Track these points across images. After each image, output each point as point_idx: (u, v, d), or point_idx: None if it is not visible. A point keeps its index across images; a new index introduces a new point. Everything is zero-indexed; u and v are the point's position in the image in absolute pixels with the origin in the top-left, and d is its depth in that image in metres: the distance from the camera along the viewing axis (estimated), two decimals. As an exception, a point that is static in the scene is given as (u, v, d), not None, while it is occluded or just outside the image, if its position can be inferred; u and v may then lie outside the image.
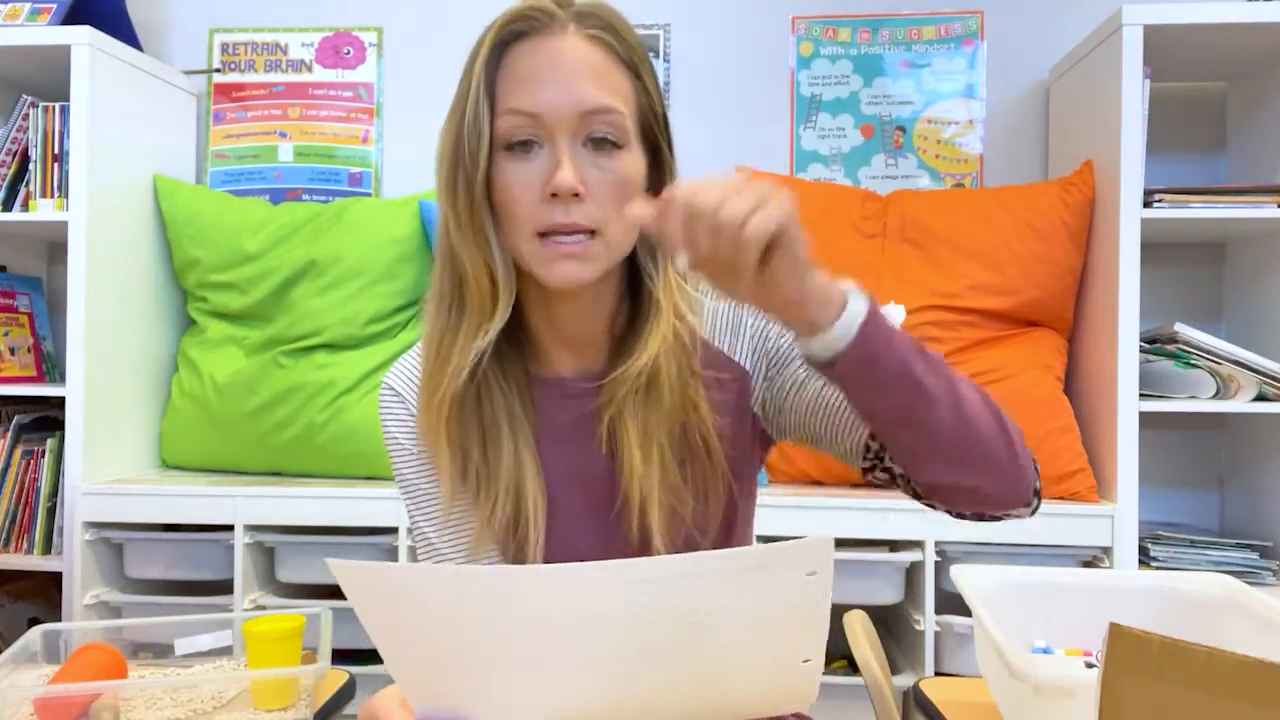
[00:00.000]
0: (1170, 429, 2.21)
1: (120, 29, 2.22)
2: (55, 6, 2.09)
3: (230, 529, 1.94)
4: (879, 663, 1.19)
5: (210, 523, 1.96)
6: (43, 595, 2.25)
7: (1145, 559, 1.91)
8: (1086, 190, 2.00)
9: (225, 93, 2.46)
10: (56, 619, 2.02)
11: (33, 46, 2.03)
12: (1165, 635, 0.59)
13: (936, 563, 1.81)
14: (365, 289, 2.12)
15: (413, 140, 2.43)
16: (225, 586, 1.97)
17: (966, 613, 1.76)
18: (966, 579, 1.13)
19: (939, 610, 1.82)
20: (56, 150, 2.05)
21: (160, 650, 1.34)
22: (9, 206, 2.06)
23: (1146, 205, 1.86)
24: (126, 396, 2.14)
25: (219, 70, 2.45)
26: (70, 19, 2.07)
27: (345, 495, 1.95)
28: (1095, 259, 2.00)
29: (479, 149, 0.81)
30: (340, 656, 1.57)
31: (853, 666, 1.24)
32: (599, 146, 0.81)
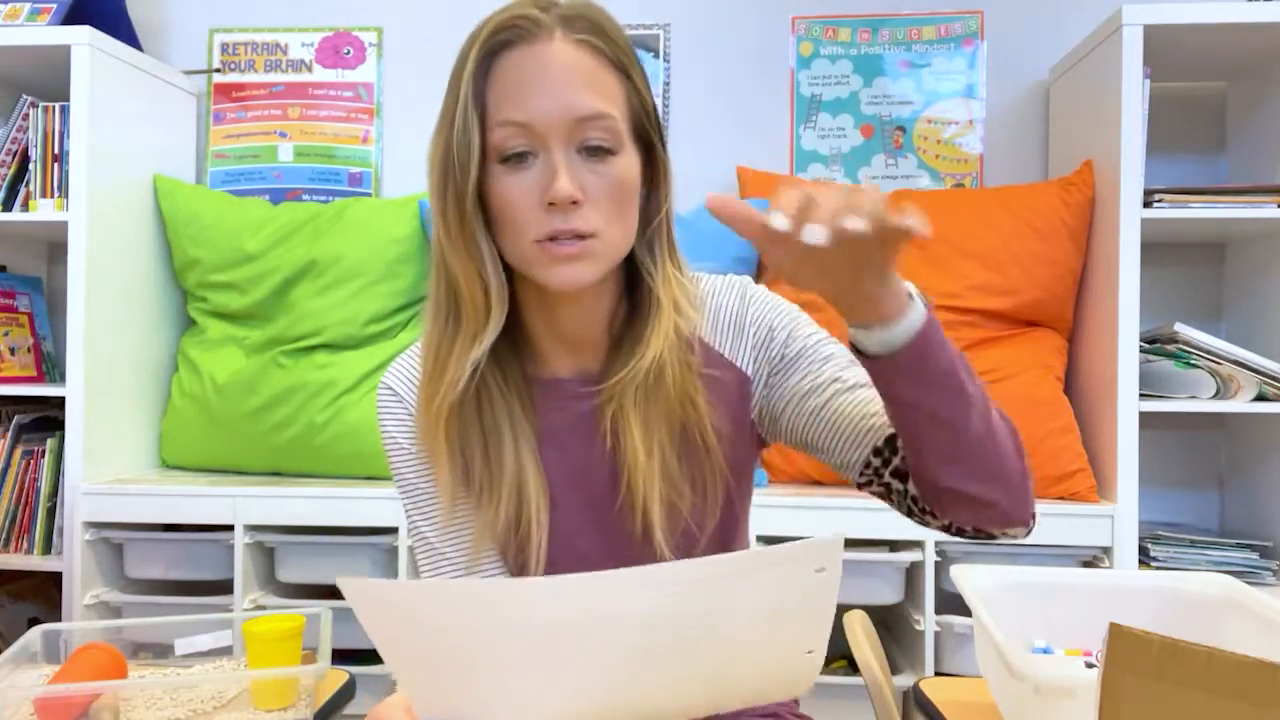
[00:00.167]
0: (1170, 429, 2.21)
1: (120, 29, 2.22)
2: (55, 6, 2.09)
3: (230, 529, 1.94)
4: (879, 663, 1.19)
5: (210, 523, 1.96)
6: (43, 595, 2.25)
7: (1145, 559, 1.91)
8: (1086, 190, 2.00)
9: (225, 93, 2.46)
10: (56, 619, 2.02)
11: (33, 46, 2.03)
12: (1165, 635, 0.59)
13: (936, 563, 1.82)
14: (365, 289, 2.12)
15: (413, 140, 2.43)
16: (225, 586, 1.97)
17: (966, 613, 1.76)
18: (966, 579, 1.13)
19: (939, 610, 1.82)
20: (56, 150, 2.05)
21: (160, 650, 1.34)
22: (9, 206, 2.06)
23: (1146, 205, 1.86)
24: (126, 396, 2.14)
25: (219, 70, 2.45)
26: (70, 19, 2.07)
27: (345, 495, 1.95)
28: (1095, 259, 2.00)
29: (469, 161, 0.81)
30: (340, 656, 1.57)
31: (853, 666, 1.24)
32: (593, 154, 0.81)
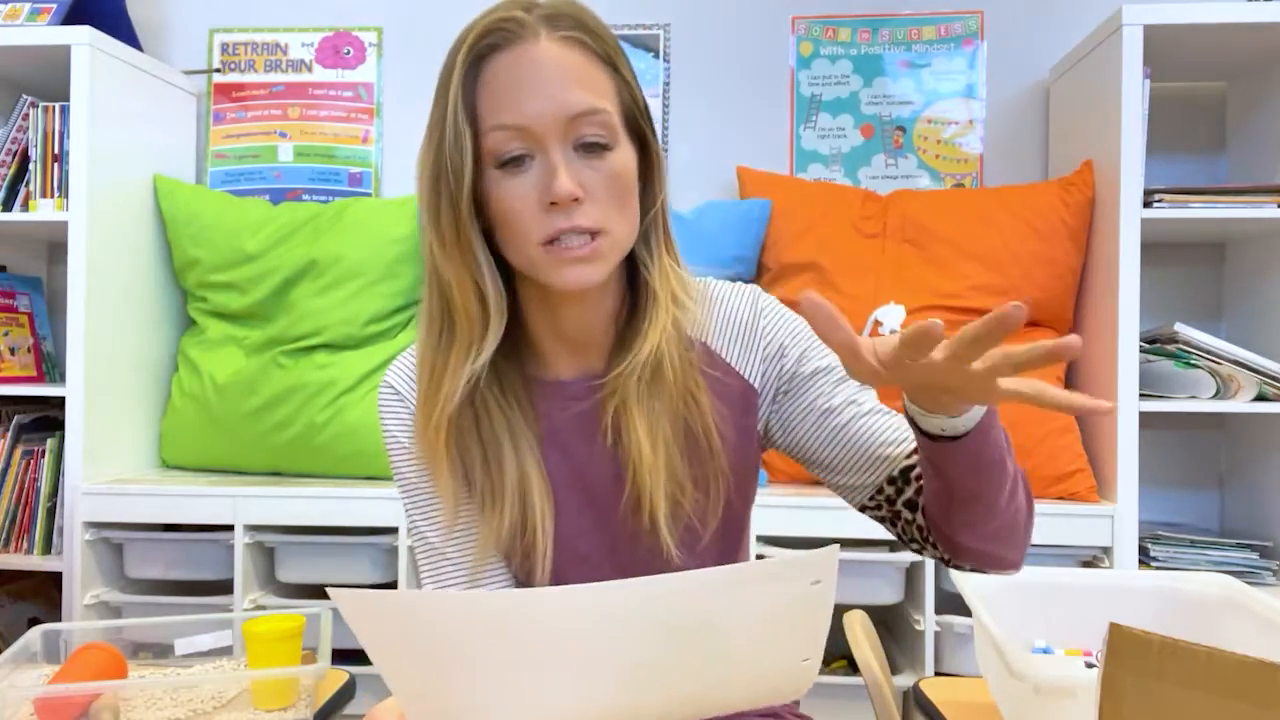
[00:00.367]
0: (1170, 429, 2.21)
1: (120, 29, 2.22)
2: (55, 6, 2.09)
3: (230, 529, 1.94)
4: (879, 663, 1.19)
5: (210, 523, 1.95)
6: (43, 595, 2.25)
7: (1145, 559, 1.91)
8: (1086, 190, 2.00)
9: (225, 93, 2.46)
10: (56, 619, 2.02)
11: (33, 46, 2.03)
12: (1165, 635, 0.59)
13: (936, 563, 1.81)
14: (365, 289, 2.12)
15: (413, 140, 2.41)
16: (225, 586, 1.97)
17: (966, 613, 1.76)
18: (966, 579, 1.13)
19: (939, 610, 1.82)
20: (56, 150, 2.05)
21: (160, 650, 1.34)
22: (9, 206, 2.06)
23: (1146, 205, 1.86)
24: (126, 396, 2.14)
25: (219, 70, 2.45)
26: (70, 19, 2.07)
27: (345, 495, 1.95)
28: (1095, 259, 2.00)
29: (462, 168, 0.80)
30: (340, 656, 1.57)
31: (853, 666, 1.24)
32: (590, 150, 0.81)
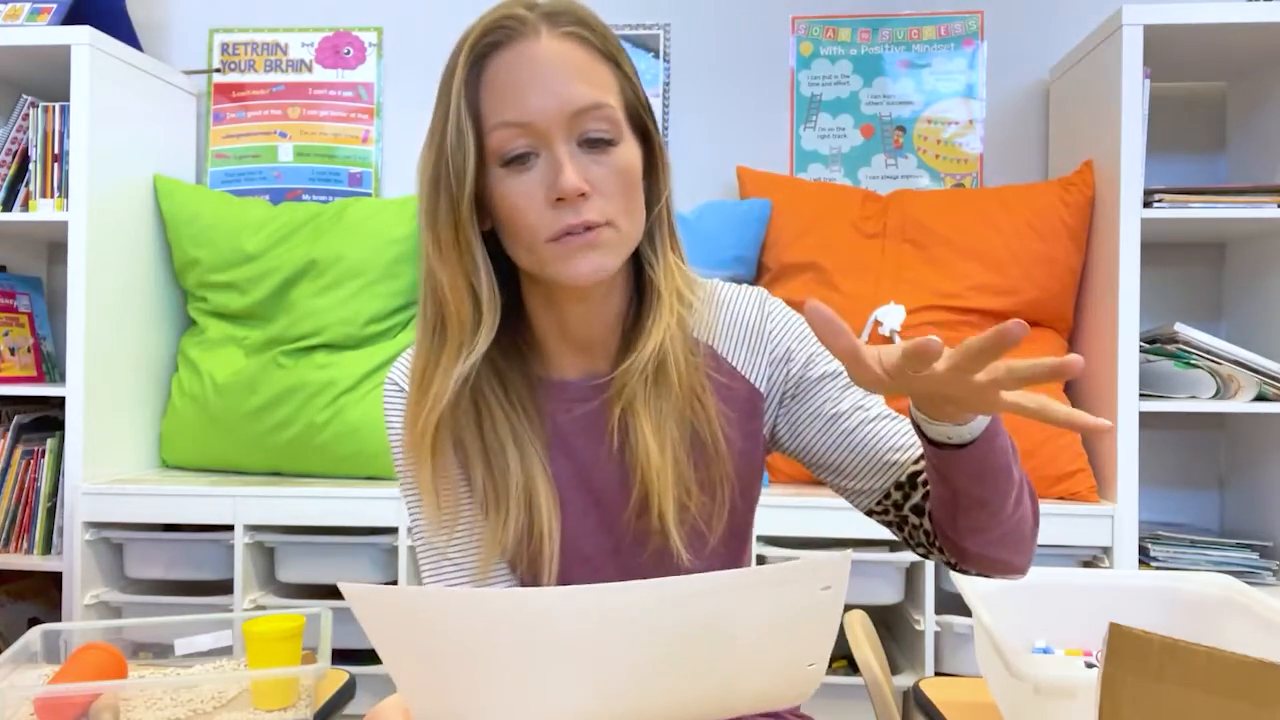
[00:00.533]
0: (1170, 429, 2.21)
1: (120, 29, 2.22)
2: (55, 6, 2.09)
3: (230, 529, 1.94)
4: (879, 663, 1.19)
5: (210, 523, 1.95)
6: (43, 595, 2.25)
7: (1145, 559, 1.91)
8: (1086, 190, 2.00)
9: (225, 93, 2.46)
10: (56, 619, 2.02)
11: (33, 46, 2.03)
12: (1165, 635, 0.59)
13: (937, 563, 1.81)
14: (365, 289, 2.12)
15: (413, 140, 2.43)
16: (225, 586, 1.97)
17: (966, 613, 1.76)
18: (966, 579, 1.13)
19: (939, 610, 1.82)
20: (56, 150, 2.05)
21: (160, 650, 1.34)
22: (9, 206, 2.06)
23: (1146, 205, 1.86)
24: (126, 396, 2.14)
25: (219, 70, 2.45)
26: (70, 19, 2.07)
27: (345, 495, 1.95)
28: (1095, 259, 2.00)
29: (464, 168, 0.80)
30: (340, 656, 1.57)
31: (853, 666, 1.24)
32: (594, 145, 0.80)
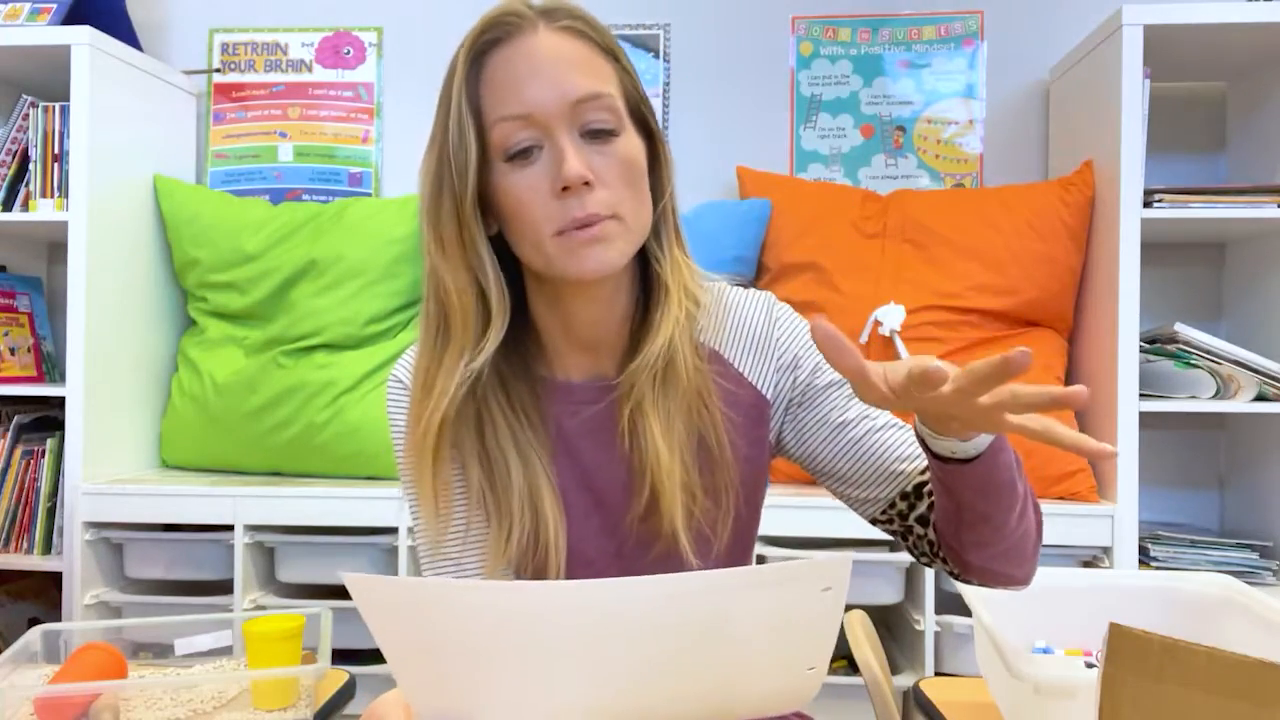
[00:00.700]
0: (1170, 429, 2.21)
1: (120, 29, 2.22)
2: (55, 6, 2.09)
3: (230, 529, 1.94)
4: (879, 663, 1.19)
5: (210, 523, 1.95)
6: (43, 595, 2.25)
7: (1145, 559, 1.91)
8: (1086, 190, 2.00)
9: (225, 93, 2.46)
10: (56, 619, 2.02)
11: (33, 46, 2.03)
12: (1165, 635, 0.59)
13: (936, 563, 1.81)
14: (365, 289, 2.12)
15: (413, 140, 2.43)
16: (225, 586, 1.97)
17: (966, 613, 1.76)
18: (966, 579, 1.12)
19: (939, 610, 1.82)
20: (56, 150, 2.05)
21: (160, 650, 1.34)
22: (9, 206, 2.06)
23: (1146, 205, 1.86)
24: (126, 396, 2.14)
25: (219, 70, 2.45)
26: (70, 19, 2.07)
27: (345, 495, 1.95)
28: (1095, 259, 2.00)
29: (466, 165, 0.80)
30: (340, 656, 1.57)
31: (853, 666, 1.24)
32: (596, 137, 0.80)
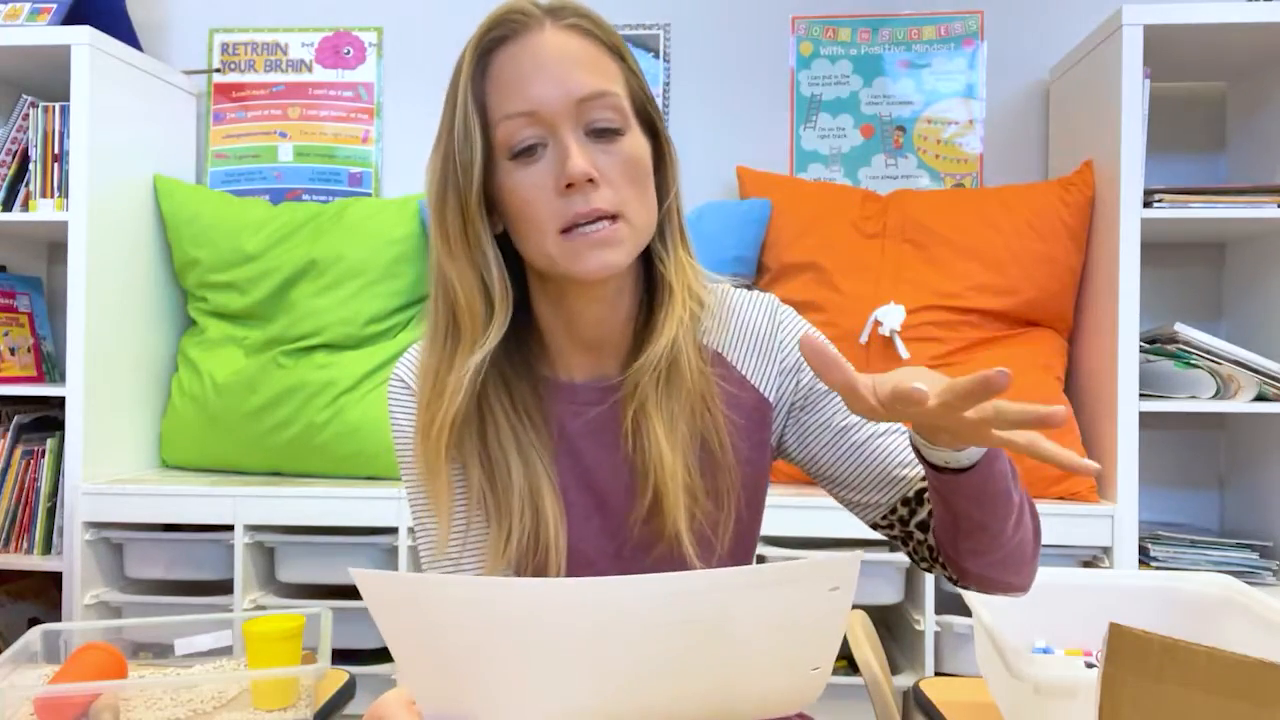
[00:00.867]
0: (1170, 429, 2.21)
1: (120, 29, 2.22)
2: (55, 6, 2.09)
3: (230, 529, 1.94)
4: (879, 663, 1.19)
5: (210, 523, 1.95)
6: (43, 595, 2.25)
7: (1145, 559, 1.91)
8: (1086, 190, 2.00)
9: (225, 93, 2.46)
10: (56, 619, 2.02)
11: (33, 46, 2.03)
12: (1165, 635, 0.59)
13: (936, 563, 1.81)
14: (365, 289, 2.12)
15: (413, 140, 2.43)
16: (225, 586, 1.97)
17: (966, 613, 1.76)
18: (966, 579, 1.12)
19: (939, 610, 1.82)
20: (56, 150, 2.05)
21: (160, 650, 1.34)
22: (9, 206, 2.06)
23: (1146, 205, 1.86)
24: (126, 396, 2.14)
25: (219, 70, 2.45)
26: (70, 19, 2.07)
27: (345, 495, 1.95)
28: (1095, 259, 2.00)
29: (471, 162, 0.80)
30: (340, 656, 1.57)
31: (853, 666, 1.24)
32: (601, 135, 0.80)
